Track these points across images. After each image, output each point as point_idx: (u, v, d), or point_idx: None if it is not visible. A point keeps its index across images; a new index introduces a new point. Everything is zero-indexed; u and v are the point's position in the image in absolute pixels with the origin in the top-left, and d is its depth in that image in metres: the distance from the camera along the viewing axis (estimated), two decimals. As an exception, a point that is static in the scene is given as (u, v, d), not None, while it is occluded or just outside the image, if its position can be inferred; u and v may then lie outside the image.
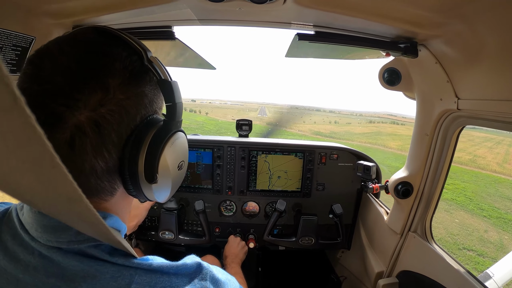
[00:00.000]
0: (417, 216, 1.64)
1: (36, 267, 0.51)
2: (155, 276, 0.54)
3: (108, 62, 0.52)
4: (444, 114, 1.36)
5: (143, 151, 0.56)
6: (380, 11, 1.04)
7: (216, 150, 2.08)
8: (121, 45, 0.56)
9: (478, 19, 0.95)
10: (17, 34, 1.02)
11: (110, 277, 0.51)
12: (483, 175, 21.82)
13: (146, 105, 0.57)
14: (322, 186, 2.17)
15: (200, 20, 1.28)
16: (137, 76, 0.56)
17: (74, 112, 0.47)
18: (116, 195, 0.59)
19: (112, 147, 0.52)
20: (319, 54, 1.74)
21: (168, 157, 0.60)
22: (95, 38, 0.55)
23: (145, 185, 0.59)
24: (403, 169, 1.65)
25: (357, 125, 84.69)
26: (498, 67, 1.01)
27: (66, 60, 0.49)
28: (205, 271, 0.60)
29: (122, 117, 0.52)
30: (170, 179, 0.63)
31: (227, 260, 1.74)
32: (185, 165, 0.70)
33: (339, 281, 2.35)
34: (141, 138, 0.56)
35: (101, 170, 0.52)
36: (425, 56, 1.27)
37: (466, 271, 1.33)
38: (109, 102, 0.50)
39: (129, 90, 0.53)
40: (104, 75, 0.50)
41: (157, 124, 0.59)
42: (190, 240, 1.99)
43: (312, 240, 2.01)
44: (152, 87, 0.59)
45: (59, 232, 0.52)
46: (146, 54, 0.57)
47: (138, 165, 0.56)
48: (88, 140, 0.48)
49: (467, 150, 32.13)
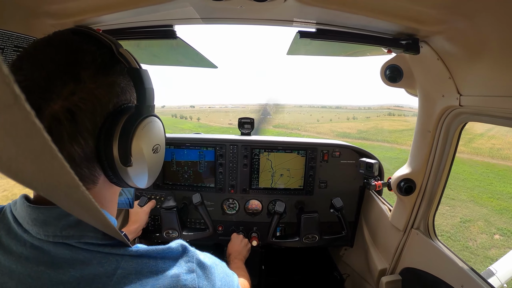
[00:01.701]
0: (420, 213, 1.64)
1: (28, 257, 0.54)
2: (141, 260, 0.56)
3: (79, 56, 0.56)
4: (446, 110, 1.35)
5: (116, 136, 0.58)
6: (382, 8, 1.04)
7: (218, 148, 2.08)
8: (92, 42, 0.60)
9: (480, 16, 0.94)
10: (18, 35, 1.02)
11: (97, 263, 0.54)
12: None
13: (118, 93, 0.60)
14: (324, 183, 2.17)
15: (202, 18, 1.28)
16: (107, 66, 0.59)
17: (49, 103, 0.50)
18: (98, 184, 0.62)
19: (87, 134, 0.54)
20: (320, 52, 1.74)
21: (141, 140, 0.62)
22: (69, 37, 0.59)
23: (122, 170, 0.61)
24: (405, 166, 1.65)
25: (377, 118, 78.28)
26: (500, 63, 1.00)
27: (42, 58, 0.53)
28: (191, 254, 0.63)
29: (94, 105, 0.55)
30: (145, 163, 0.65)
31: (230, 257, 1.75)
32: (161, 149, 0.72)
33: (342, 278, 2.35)
34: (114, 124, 0.58)
35: (79, 157, 0.54)
36: (427, 53, 1.26)
37: (470, 268, 1.33)
38: (80, 90, 0.53)
39: (100, 79, 0.56)
40: (75, 68, 0.54)
41: (129, 111, 0.62)
42: (194, 235, 2.00)
43: (316, 237, 2.01)
44: (125, 78, 0.63)
45: (47, 226, 0.54)
46: (116, 47, 0.61)
47: (113, 150, 0.58)
48: (63, 128, 0.51)
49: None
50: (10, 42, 1.00)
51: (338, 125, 66.70)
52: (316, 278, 2.55)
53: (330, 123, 76.48)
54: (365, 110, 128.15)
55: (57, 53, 0.55)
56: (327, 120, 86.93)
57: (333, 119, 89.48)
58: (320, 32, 1.26)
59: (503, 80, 1.02)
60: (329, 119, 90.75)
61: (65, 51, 0.56)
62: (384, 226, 1.91)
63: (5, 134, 0.28)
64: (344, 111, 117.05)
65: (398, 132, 47.88)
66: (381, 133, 46.07)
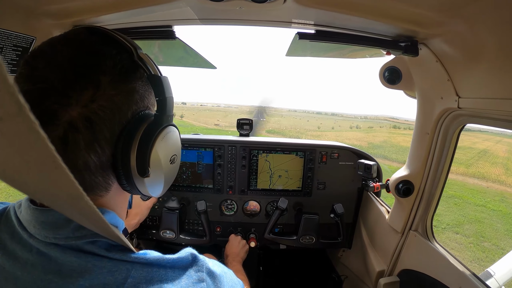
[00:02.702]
0: (418, 215, 1.64)
1: (34, 264, 0.52)
2: (151, 269, 0.55)
3: (99, 60, 0.54)
4: (444, 112, 1.36)
5: (135, 146, 0.57)
6: (381, 10, 1.04)
7: (217, 149, 2.08)
8: (112, 44, 0.58)
9: (478, 19, 0.94)
10: (18, 35, 1.02)
11: (107, 271, 0.52)
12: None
13: (137, 100, 0.59)
14: (323, 185, 2.17)
15: (201, 19, 1.28)
16: (127, 72, 0.57)
17: (67, 109, 0.48)
18: (111, 191, 0.60)
19: (104, 142, 0.53)
20: (319, 53, 1.74)
21: (160, 150, 0.61)
22: (87, 37, 0.57)
23: (138, 179, 0.60)
24: (404, 168, 1.65)
25: (381, 130, 74.33)
26: (499, 65, 1.01)
27: (59, 59, 0.51)
28: (201, 263, 0.61)
29: (113, 113, 0.53)
30: (162, 173, 0.64)
31: (228, 259, 1.74)
32: (177, 159, 0.72)
33: (340, 280, 2.35)
34: (132, 133, 0.57)
35: (94, 165, 0.53)
36: (426, 55, 1.26)
37: (467, 270, 1.33)
38: (100, 97, 0.51)
39: (120, 86, 0.55)
40: (95, 73, 0.52)
41: (148, 119, 0.60)
42: (190, 240, 1.99)
43: (313, 239, 2.01)
44: (143, 84, 0.61)
45: (57, 229, 0.53)
46: (136, 51, 0.59)
47: (130, 160, 0.57)
48: (81, 136, 0.49)
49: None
50: (9, 42, 1.00)
51: (342, 134, 62.82)
52: (314, 280, 2.54)
53: (333, 132, 73.53)
54: (362, 119, 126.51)
55: (75, 55, 0.53)
56: (329, 128, 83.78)
57: (334, 127, 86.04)
58: (319, 33, 1.26)
59: (501, 82, 1.02)
60: (331, 127, 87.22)
61: (84, 53, 0.54)
62: (382, 227, 1.91)
63: (8, 144, 0.28)
64: (341, 119, 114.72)
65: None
66: (404, 152, 34.74)
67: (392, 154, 33.10)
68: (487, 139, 53.65)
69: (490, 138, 56.81)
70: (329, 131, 75.39)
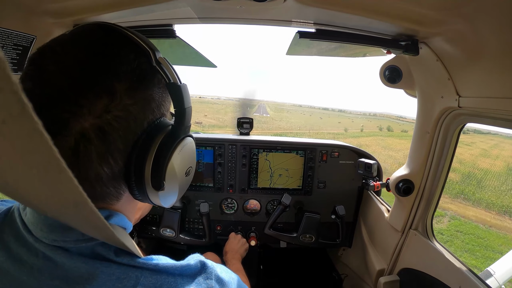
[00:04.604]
0: (418, 214, 1.64)
1: (41, 269, 0.50)
2: (160, 277, 0.53)
3: (114, 64, 0.49)
4: (445, 111, 1.35)
5: (150, 158, 0.54)
6: (381, 9, 1.04)
7: (217, 148, 2.08)
8: (128, 45, 0.53)
9: (479, 18, 0.94)
10: (18, 33, 1.02)
11: (116, 278, 0.51)
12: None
13: (153, 109, 0.55)
14: (323, 184, 2.17)
15: (201, 18, 1.28)
16: (145, 79, 0.53)
17: (79, 119, 0.45)
18: (122, 200, 0.58)
19: (118, 154, 0.50)
20: (320, 52, 1.74)
21: (176, 164, 0.58)
22: (101, 37, 0.52)
23: (151, 191, 0.57)
24: (404, 167, 1.65)
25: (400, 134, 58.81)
26: (499, 65, 1.01)
27: (69, 62, 0.47)
28: (210, 271, 0.60)
29: (128, 123, 0.50)
30: (177, 186, 0.62)
31: (227, 256, 1.74)
32: (192, 170, 0.68)
33: (340, 278, 2.35)
34: (148, 144, 0.54)
35: (106, 177, 0.50)
36: (426, 54, 1.26)
37: (467, 269, 1.33)
38: (115, 107, 0.48)
39: (136, 95, 0.51)
40: (110, 79, 0.48)
41: (165, 129, 0.57)
42: (190, 240, 2.00)
43: (313, 238, 2.01)
44: (160, 90, 0.57)
45: (66, 232, 0.51)
46: (154, 55, 0.54)
47: (144, 172, 0.54)
48: (93, 148, 0.47)
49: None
50: (10, 40, 1.00)
51: (387, 142, 48.45)
52: (314, 279, 2.55)
53: (374, 137, 57.36)
54: (370, 116, 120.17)
55: (88, 57, 0.48)
56: (354, 128, 67.04)
57: (365, 126, 67.46)
58: (319, 32, 1.26)
59: (502, 81, 1.02)
60: (360, 126, 69.06)
61: (98, 55, 0.49)
62: (382, 226, 1.91)
63: (11, 147, 0.26)
64: (353, 116, 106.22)
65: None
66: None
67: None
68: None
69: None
70: (362, 134, 58.73)
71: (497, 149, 48.37)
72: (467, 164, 34.05)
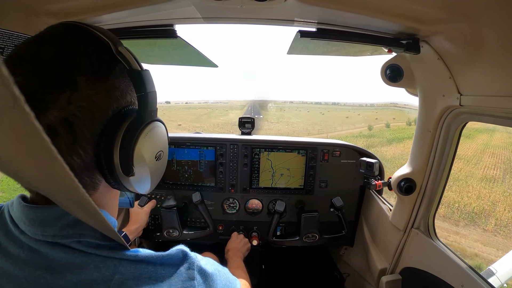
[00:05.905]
0: (420, 213, 1.63)
1: (26, 260, 0.52)
2: (140, 266, 0.55)
3: (75, 59, 0.52)
4: (446, 110, 1.35)
5: (117, 145, 0.56)
6: (382, 7, 1.04)
7: (218, 148, 2.08)
8: (89, 40, 0.56)
9: (480, 16, 0.94)
10: (18, 34, 1.02)
11: (94, 267, 0.52)
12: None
13: (118, 97, 0.57)
14: (325, 183, 2.17)
15: (202, 18, 1.28)
16: (106, 69, 0.55)
17: (45, 113, 0.47)
18: (99, 190, 0.60)
19: (86, 143, 0.52)
20: (321, 51, 1.74)
21: (143, 148, 0.60)
22: (64, 36, 0.55)
23: (123, 178, 0.59)
24: (406, 166, 1.65)
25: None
26: (501, 63, 1.00)
27: (36, 63, 0.50)
28: (192, 261, 0.61)
29: (92, 112, 0.52)
30: (148, 171, 0.63)
31: (229, 254, 1.75)
32: (164, 155, 0.70)
33: (342, 278, 2.35)
34: (114, 131, 0.55)
35: (78, 167, 0.52)
36: (427, 53, 1.26)
37: (470, 268, 1.33)
38: (77, 98, 0.50)
39: (98, 85, 0.53)
40: (72, 74, 0.50)
41: (131, 116, 0.58)
42: (195, 233, 2.02)
43: (316, 236, 2.01)
44: (124, 79, 0.59)
45: (45, 226, 0.53)
46: (115, 46, 0.57)
47: (113, 159, 0.56)
48: (61, 139, 0.49)
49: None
50: (11, 42, 1.00)
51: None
52: (316, 278, 2.55)
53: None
54: (367, 107, 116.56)
55: (51, 56, 0.51)
56: (374, 123, 56.36)
57: (378, 118, 58.53)
58: (320, 31, 1.26)
59: (503, 80, 1.02)
60: (373, 120, 60.45)
61: (60, 53, 0.52)
62: (384, 225, 1.91)
63: (4, 136, 0.28)
64: (350, 108, 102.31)
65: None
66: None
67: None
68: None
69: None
70: (396, 133, 47.62)
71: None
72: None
